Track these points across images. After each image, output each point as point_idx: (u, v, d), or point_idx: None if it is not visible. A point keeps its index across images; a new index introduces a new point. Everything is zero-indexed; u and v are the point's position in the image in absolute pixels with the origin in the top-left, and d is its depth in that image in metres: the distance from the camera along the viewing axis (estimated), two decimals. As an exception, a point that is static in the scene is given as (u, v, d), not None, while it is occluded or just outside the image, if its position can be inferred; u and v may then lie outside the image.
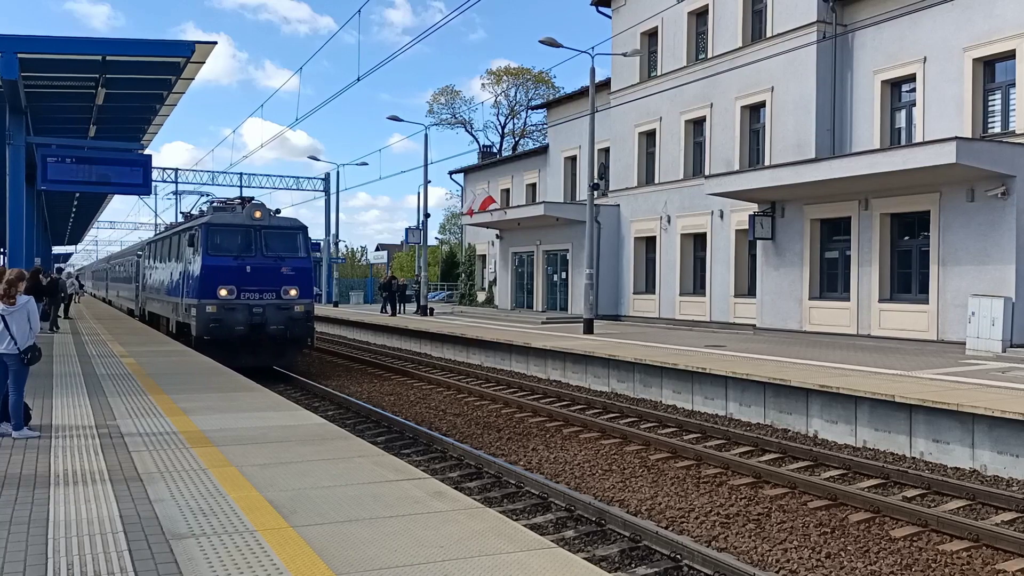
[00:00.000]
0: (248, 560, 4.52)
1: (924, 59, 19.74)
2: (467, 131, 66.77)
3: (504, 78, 65.10)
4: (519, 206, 35.24)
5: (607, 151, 31.03)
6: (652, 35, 28.53)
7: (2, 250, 40.03)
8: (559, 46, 22.72)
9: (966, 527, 7.51)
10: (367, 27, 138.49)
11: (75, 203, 38.99)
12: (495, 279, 38.75)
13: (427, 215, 34.90)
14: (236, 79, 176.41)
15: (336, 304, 46.27)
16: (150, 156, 20.56)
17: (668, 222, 27.49)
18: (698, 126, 26.66)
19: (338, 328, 34.06)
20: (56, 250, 66.36)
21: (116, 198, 47.27)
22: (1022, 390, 11.28)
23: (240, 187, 46.54)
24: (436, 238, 69.00)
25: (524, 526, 5.90)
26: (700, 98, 25.93)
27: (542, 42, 22.51)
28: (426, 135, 36.23)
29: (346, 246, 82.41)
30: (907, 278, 19.01)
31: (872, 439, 11.40)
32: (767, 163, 22.85)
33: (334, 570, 4.37)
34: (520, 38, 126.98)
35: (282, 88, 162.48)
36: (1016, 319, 16.10)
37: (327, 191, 50.23)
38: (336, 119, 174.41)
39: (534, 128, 63.46)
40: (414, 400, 15.88)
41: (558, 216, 30.01)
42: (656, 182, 28.27)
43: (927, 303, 18.05)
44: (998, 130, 18.50)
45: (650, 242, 28.67)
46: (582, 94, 31.49)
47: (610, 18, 30.38)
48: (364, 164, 62.92)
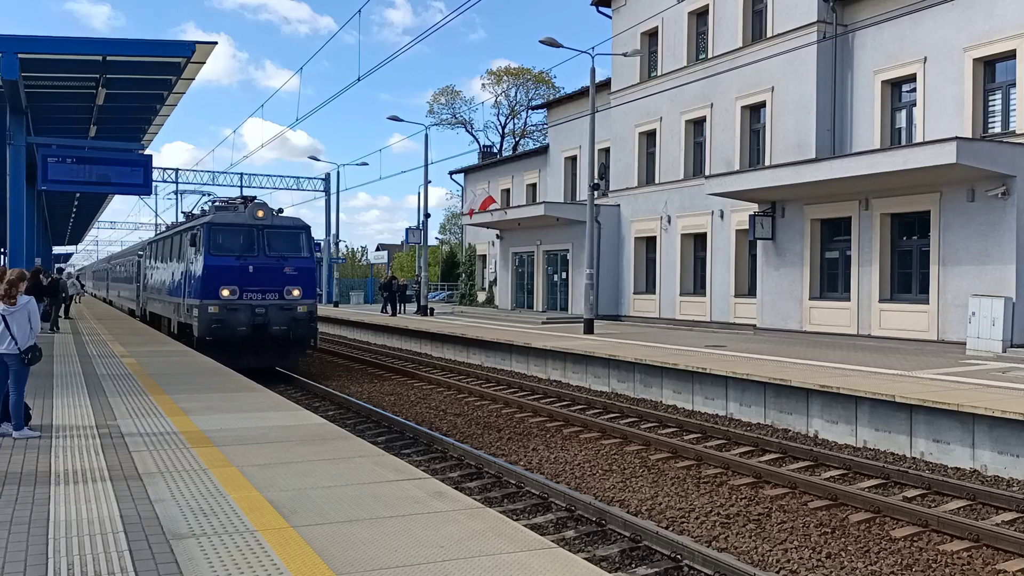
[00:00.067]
0: (248, 560, 4.52)
1: (924, 59, 19.74)
2: (467, 131, 66.88)
3: (504, 78, 65.17)
4: (519, 206, 35.24)
5: (607, 151, 31.03)
6: (652, 35, 28.54)
7: (2, 250, 40.10)
8: (559, 46, 22.73)
9: (966, 527, 7.51)
10: (367, 27, 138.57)
11: (75, 203, 38.99)
12: (495, 279, 38.74)
13: (427, 215, 34.93)
14: (236, 79, 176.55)
15: (336, 304, 46.29)
16: (150, 156, 20.55)
17: (668, 222, 27.49)
18: (698, 126, 26.67)
19: (338, 328, 34.06)
20: (56, 250, 66.39)
21: (116, 198, 47.45)
22: (1022, 390, 11.28)
23: (240, 187, 46.53)
24: (436, 238, 69.04)
25: (524, 526, 5.91)
26: (700, 98, 25.94)
27: (542, 42, 22.53)
28: (426, 135, 36.26)
29: (346, 246, 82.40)
30: (907, 278, 19.01)
31: (872, 439, 11.40)
32: (767, 163, 22.85)
33: (334, 570, 4.37)
34: (520, 38, 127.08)
35: (282, 88, 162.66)
36: (1016, 319, 16.10)
37: (327, 191, 50.22)
38: (336, 119, 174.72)
39: (534, 128, 63.56)
40: (414, 400, 15.88)
41: (558, 216, 30.01)
42: (656, 182, 28.27)
43: (927, 303, 18.05)
44: (998, 130, 18.51)
45: (650, 242, 28.67)
46: (582, 94, 31.50)
47: (610, 18, 30.38)
48: (364, 164, 62.98)
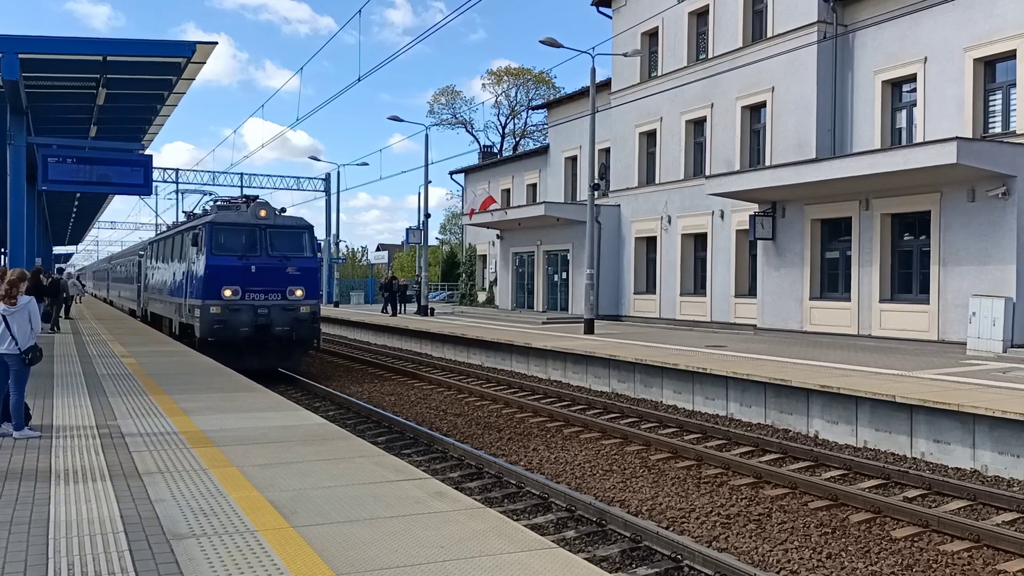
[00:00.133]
0: (249, 560, 4.52)
1: (925, 59, 19.74)
2: (468, 131, 66.91)
3: (504, 78, 65.20)
4: (520, 206, 35.24)
5: (608, 151, 31.04)
6: (652, 35, 28.54)
7: (3, 250, 40.07)
8: (559, 46, 22.73)
9: (967, 527, 7.50)
10: (367, 27, 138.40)
11: (76, 203, 38.96)
12: (495, 279, 38.74)
13: (427, 215, 34.95)
14: (236, 79, 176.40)
15: (337, 304, 46.30)
16: (151, 156, 20.53)
17: (669, 222, 27.49)
18: (699, 126, 26.66)
19: (339, 328, 34.06)
20: (57, 250, 66.39)
21: (117, 198, 47.45)
22: (1023, 390, 11.28)
23: (241, 187, 46.52)
24: (437, 238, 69.08)
25: (525, 526, 5.91)
26: (700, 98, 25.94)
27: (542, 42, 22.53)
28: (426, 135, 36.26)
29: (347, 246, 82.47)
30: (908, 278, 19.01)
31: (873, 439, 11.40)
32: (768, 163, 22.84)
33: (335, 570, 4.37)
34: (520, 38, 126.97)
35: (282, 88, 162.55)
36: (1017, 319, 16.09)
37: (328, 191, 50.24)
38: (336, 119, 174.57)
39: (534, 128, 63.58)
40: (415, 400, 15.88)
41: (558, 216, 30.01)
42: (657, 182, 28.27)
43: (928, 303, 18.04)
44: (999, 130, 18.51)
45: (651, 242, 28.67)
46: (582, 94, 31.50)
47: (610, 18, 30.38)
48: (365, 164, 62.91)
